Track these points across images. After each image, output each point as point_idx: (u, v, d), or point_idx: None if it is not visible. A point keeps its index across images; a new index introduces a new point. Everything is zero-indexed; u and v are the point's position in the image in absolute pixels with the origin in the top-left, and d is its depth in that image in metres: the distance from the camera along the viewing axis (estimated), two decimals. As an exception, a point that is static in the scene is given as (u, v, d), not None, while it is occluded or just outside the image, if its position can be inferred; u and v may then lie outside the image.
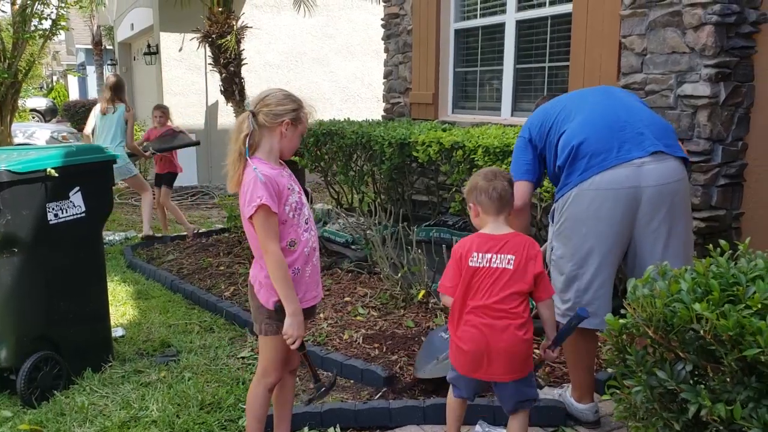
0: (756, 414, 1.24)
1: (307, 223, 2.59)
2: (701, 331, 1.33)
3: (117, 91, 6.77)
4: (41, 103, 30.36)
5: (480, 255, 2.44)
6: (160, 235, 7.11)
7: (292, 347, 2.50)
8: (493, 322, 2.40)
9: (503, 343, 2.39)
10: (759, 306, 1.33)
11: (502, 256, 2.42)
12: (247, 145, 2.47)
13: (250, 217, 2.43)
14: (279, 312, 2.50)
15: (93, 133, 6.80)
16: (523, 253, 2.42)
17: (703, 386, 1.38)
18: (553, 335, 2.54)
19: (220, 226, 7.60)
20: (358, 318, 4.31)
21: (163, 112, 7.51)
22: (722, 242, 1.65)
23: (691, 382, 1.40)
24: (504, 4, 5.89)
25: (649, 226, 2.72)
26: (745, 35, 3.99)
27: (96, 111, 6.74)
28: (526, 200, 2.99)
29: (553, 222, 2.92)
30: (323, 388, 2.71)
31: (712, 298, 1.37)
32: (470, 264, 2.44)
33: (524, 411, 2.55)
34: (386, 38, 7.39)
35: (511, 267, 2.40)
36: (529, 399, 2.52)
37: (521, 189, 2.96)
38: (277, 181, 2.46)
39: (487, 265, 2.43)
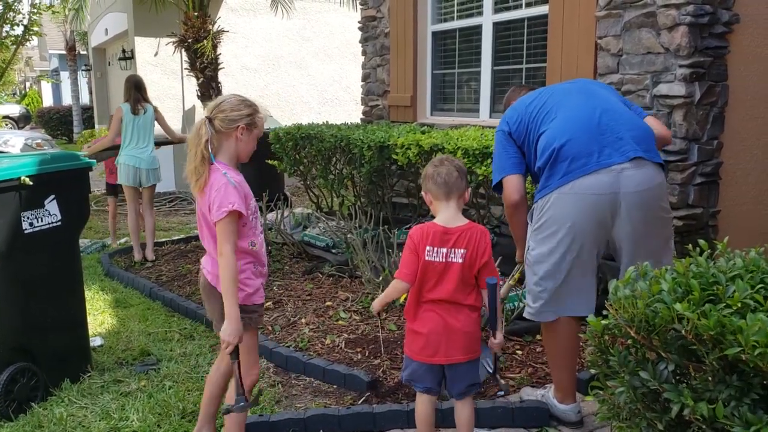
0: (738, 412, 1.25)
1: (261, 226, 2.75)
2: (683, 331, 1.34)
3: (143, 91, 6.40)
4: (14, 109, 29.97)
5: (435, 249, 2.50)
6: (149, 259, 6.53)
7: (226, 352, 2.49)
8: (448, 307, 2.52)
9: (459, 323, 2.52)
10: (739, 305, 1.34)
11: (456, 250, 2.50)
12: (210, 150, 2.55)
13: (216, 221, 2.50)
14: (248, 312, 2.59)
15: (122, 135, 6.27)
16: (474, 246, 2.51)
17: (685, 386, 1.39)
18: (499, 324, 2.59)
19: (199, 231, 7.52)
20: (340, 322, 4.29)
21: None
22: (701, 242, 1.66)
23: (674, 381, 1.41)
24: (481, 6, 5.91)
25: (626, 229, 2.73)
26: (719, 35, 4.05)
27: (121, 114, 6.23)
28: (522, 193, 2.98)
29: (531, 222, 2.93)
30: (242, 404, 2.56)
31: (693, 298, 1.38)
32: (426, 258, 2.50)
33: (470, 396, 2.64)
34: (364, 41, 7.39)
35: (462, 261, 2.50)
36: (477, 382, 2.66)
37: (514, 183, 2.97)
38: (243, 186, 2.59)
39: (442, 260, 2.51)
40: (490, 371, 3.07)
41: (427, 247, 2.51)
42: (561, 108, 2.88)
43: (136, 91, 6.34)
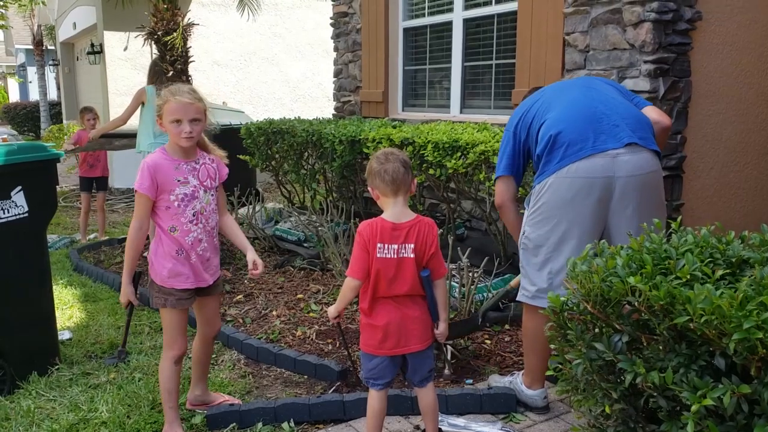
0: (686, 378, 1.31)
1: (195, 216, 2.86)
2: (635, 303, 1.40)
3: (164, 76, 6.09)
4: (-21, 105, 29.35)
5: (386, 246, 2.51)
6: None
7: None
8: (404, 299, 2.56)
9: (417, 312, 2.57)
10: (688, 277, 1.41)
11: (406, 245, 2.52)
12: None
13: None
14: (135, 281, 2.95)
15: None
16: (422, 239, 2.53)
17: (638, 356, 1.44)
18: (443, 314, 2.63)
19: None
20: (311, 314, 4.31)
21: (95, 114, 7.35)
22: (655, 220, 1.73)
23: (627, 353, 1.47)
24: (451, 3, 5.97)
25: (622, 215, 2.78)
26: (682, 32, 4.14)
27: (144, 97, 5.93)
28: (504, 198, 3.06)
29: (528, 207, 2.99)
30: (120, 353, 3.34)
31: (645, 272, 1.44)
32: (378, 255, 2.51)
33: (431, 381, 2.68)
34: (335, 37, 7.41)
35: (412, 255, 2.52)
36: (434, 367, 2.72)
37: (500, 186, 3.07)
38: (162, 169, 2.79)
39: (394, 256, 2.51)
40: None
41: (378, 245, 2.50)
42: (561, 100, 2.97)
43: (163, 74, 6.06)
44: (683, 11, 4.11)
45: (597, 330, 1.54)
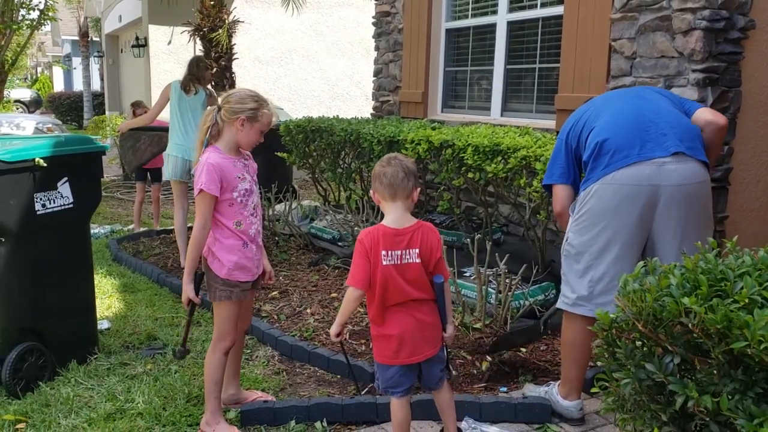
0: (742, 405, 1.28)
1: (254, 209, 2.97)
2: (689, 325, 1.37)
3: (200, 69, 5.82)
4: (25, 94, 30.19)
5: (390, 253, 2.48)
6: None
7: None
8: (414, 304, 2.54)
9: (430, 317, 2.55)
10: (746, 301, 1.37)
11: (410, 251, 2.50)
12: (207, 135, 2.86)
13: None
14: (200, 279, 2.91)
15: (178, 116, 5.66)
16: (427, 244, 2.52)
17: (690, 379, 1.41)
18: (450, 318, 2.64)
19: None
20: (345, 314, 4.32)
21: (145, 110, 7.46)
22: (710, 239, 1.68)
23: (679, 375, 1.43)
24: (495, 5, 5.92)
25: (666, 225, 2.75)
26: (734, 41, 4.04)
27: (170, 91, 5.70)
28: (565, 205, 3.04)
29: (572, 213, 2.96)
30: (180, 352, 3.12)
31: (701, 293, 1.41)
32: (384, 263, 2.47)
33: (445, 380, 2.67)
34: (377, 36, 7.41)
35: (418, 260, 2.50)
36: (444, 366, 2.69)
37: (557, 193, 3.05)
38: (224, 168, 2.83)
39: (399, 262, 2.49)
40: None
41: (383, 252, 2.47)
42: (609, 108, 2.96)
43: (195, 67, 5.79)
44: (736, 19, 4.01)
45: (646, 349, 1.50)
